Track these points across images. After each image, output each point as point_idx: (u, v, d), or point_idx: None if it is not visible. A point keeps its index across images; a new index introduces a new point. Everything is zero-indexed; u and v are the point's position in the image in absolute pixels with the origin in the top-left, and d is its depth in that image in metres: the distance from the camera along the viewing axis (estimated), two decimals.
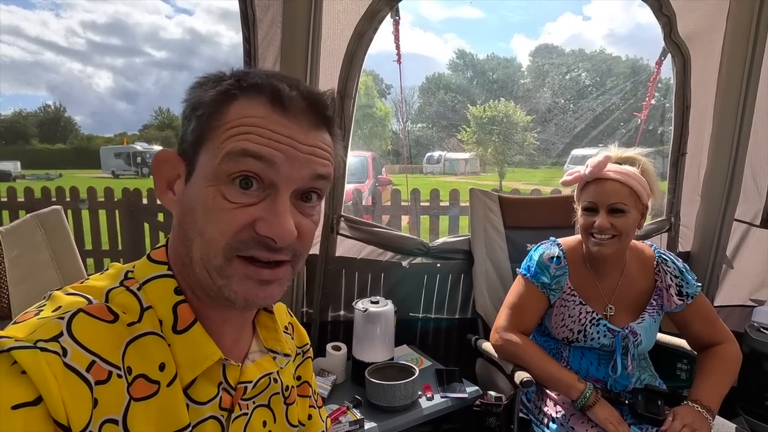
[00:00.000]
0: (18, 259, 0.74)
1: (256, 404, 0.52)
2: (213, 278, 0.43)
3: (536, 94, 35.57)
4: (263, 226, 0.42)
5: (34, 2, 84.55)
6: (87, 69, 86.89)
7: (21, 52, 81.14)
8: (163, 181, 0.47)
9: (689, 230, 1.95)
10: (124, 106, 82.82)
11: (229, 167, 0.42)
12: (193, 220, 0.43)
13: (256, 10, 1.28)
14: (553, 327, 1.22)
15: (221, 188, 0.42)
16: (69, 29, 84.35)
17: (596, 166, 1.11)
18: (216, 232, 0.42)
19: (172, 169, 0.47)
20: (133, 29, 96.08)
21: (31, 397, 0.35)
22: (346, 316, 1.74)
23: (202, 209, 0.43)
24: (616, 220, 1.09)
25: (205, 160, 0.43)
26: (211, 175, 0.43)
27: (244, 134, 0.42)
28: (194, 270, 0.44)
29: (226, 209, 0.42)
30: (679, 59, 1.75)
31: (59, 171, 23.58)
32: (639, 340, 1.15)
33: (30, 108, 53.72)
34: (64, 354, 0.37)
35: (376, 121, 19.44)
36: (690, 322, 1.19)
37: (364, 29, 1.49)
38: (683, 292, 1.17)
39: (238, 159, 0.42)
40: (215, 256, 0.43)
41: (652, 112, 2.08)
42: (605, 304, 1.19)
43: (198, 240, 0.43)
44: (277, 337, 0.56)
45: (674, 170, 1.89)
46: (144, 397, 0.41)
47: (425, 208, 3.99)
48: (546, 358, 1.17)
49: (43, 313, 0.41)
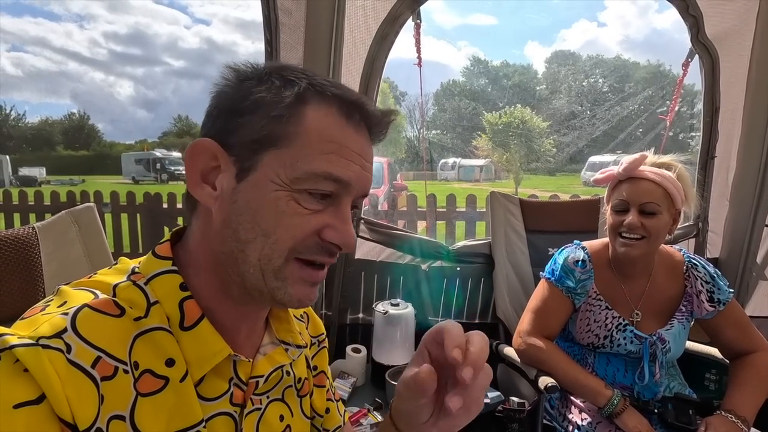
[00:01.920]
0: (53, 254, 0.76)
1: (270, 399, 0.52)
2: (267, 280, 0.43)
3: (553, 101, 35.26)
4: (331, 234, 0.44)
5: (60, 14, 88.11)
6: (109, 78, 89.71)
7: (47, 62, 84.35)
8: (197, 172, 0.44)
9: (717, 236, 1.89)
10: (144, 114, 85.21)
11: (310, 183, 0.43)
12: (254, 220, 0.43)
13: (279, 14, 1.30)
14: (578, 332, 1.20)
15: (294, 195, 0.43)
16: (92, 40, 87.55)
17: (631, 164, 1.09)
18: (287, 235, 0.43)
19: (211, 160, 0.44)
20: (153, 39, 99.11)
21: (33, 395, 0.34)
22: (364, 318, 1.74)
23: (273, 212, 0.42)
24: (647, 221, 1.06)
25: (276, 164, 0.42)
26: (285, 181, 0.42)
27: (329, 154, 0.43)
28: (243, 271, 0.44)
29: (300, 214, 0.43)
30: (708, 60, 1.71)
31: (82, 177, 24.28)
32: (667, 347, 1.12)
33: (56, 116, 55.66)
34: (68, 351, 0.37)
35: (392, 128, 19.51)
36: (722, 329, 1.15)
37: (386, 32, 1.50)
38: (715, 298, 1.13)
39: (321, 180, 0.43)
40: (278, 257, 0.43)
41: (675, 119, 2.04)
42: (631, 309, 1.15)
43: (260, 241, 0.43)
44: (289, 328, 0.55)
45: (703, 174, 1.84)
46: (151, 392, 0.41)
47: (441, 213, 3.98)
48: (571, 363, 1.15)
49: (49, 308, 0.41)
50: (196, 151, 0.44)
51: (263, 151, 0.43)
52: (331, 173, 0.43)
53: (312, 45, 1.41)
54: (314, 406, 0.62)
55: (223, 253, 0.44)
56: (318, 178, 0.43)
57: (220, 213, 0.44)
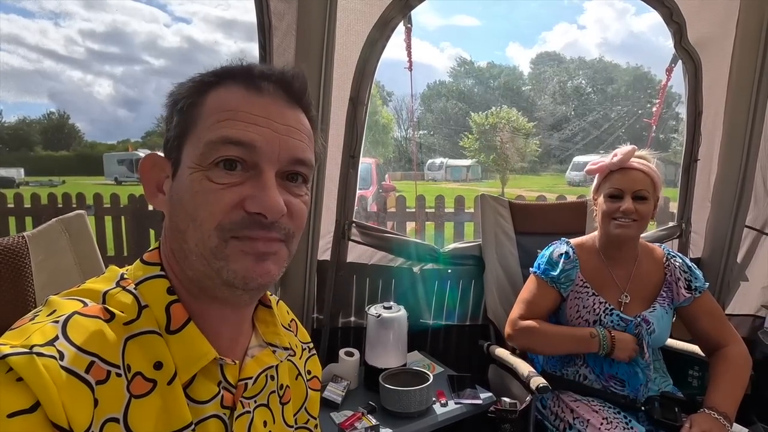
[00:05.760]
0: (44, 263, 0.75)
1: (258, 403, 0.52)
2: (210, 262, 0.43)
3: (538, 102, 35.68)
4: (252, 203, 0.43)
5: (33, 11, 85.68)
6: (87, 77, 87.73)
7: (21, 60, 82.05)
8: (152, 184, 0.48)
9: (700, 237, 1.95)
10: (125, 114, 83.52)
11: (212, 154, 0.43)
12: (183, 209, 0.44)
13: (272, 18, 1.30)
14: (569, 320, 1.25)
15: (206, 173, 0.43)
16: (68, 38, 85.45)
17: (626, 155, 1.20)
18: (206, 213, 0.43)
19: (160, 171, 0.48)
20: (132, 38, 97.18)
21: (27, 404, 0.34)
22: (356, 322, 1.74)
23: (190, 195, 0.44)
24: (639, 206, 1.18)
25: (189, 151, 0.45)
26: (195, 162, 0.44)
27: (224, 120, 0.43)
28: (191, 261, 0.44)
29: (213, 190, 0.43)
30: (690, 66, 1.76)
31: (63, 178, 23.68)
32: (652, 328, 1.19)
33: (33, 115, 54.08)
34: (60, 357, 0.37)
35: (380, 129, 19.55)
36: (697, 317, 1.23)
37: (377, 37, 1.50)
38: (692, 286, 1.23)
39: (219, 146, 0.43)
40: (209, 237, 0.43)
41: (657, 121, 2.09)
42: (620, 292, 1.23)
43: (191, 226, 0.44)
44: (276, 331, 0.56)
45: (686, 176, 1.89)
46: (142, 394, 0.41)
47: (430, 214, 4.00)
48: (560, 326, 1.25)
49: (39, 318, 0.41)
50: (147, 165, 0.48)
51: (183, 144, 0.45)
52: (227, 136, 0.43)
53: (303, 48, 1.41)
54: (309, 410, 0.64)
55: (174, 251, 0.46)
56: (217, 145, 0.43)
57: (167, 214, 0.47)
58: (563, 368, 1.27)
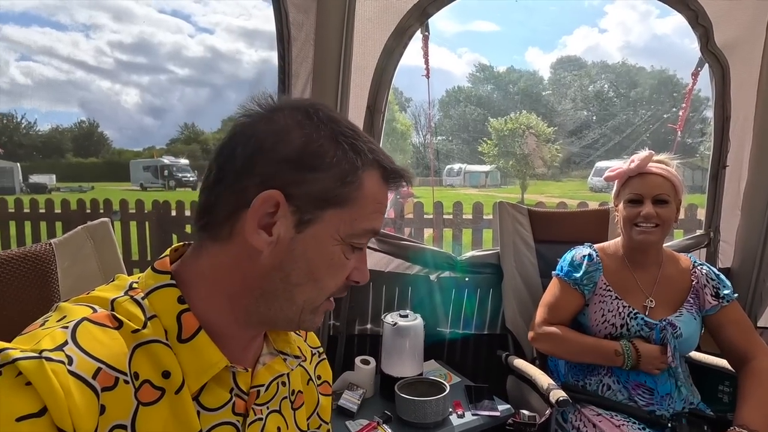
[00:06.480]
0: (69, 269, 0.77)
1: (270, 410, 0.53)
2: (303, 315, 0.49)
3: (558, 107, 35.17)
4: (357, 275, 0.51)
5: (66, 24, 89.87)
6: (115, 86, 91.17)
7: (55, 71, 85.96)
8: (258, 219, 0.45)
9: (729, 246, 1.87)
10: (151, 122, 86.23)
11: (359, 238, 0.49)
12: (308, 268, 0.47)
13: (291, 28, 1.32)
14: (593, 325, 1.23)
15: (344, 248, 0.48)
16: (98, 49, 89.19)
17: (643, 160, 1.20)
18: (332, 282, 0.50)
19: (272, 209, 0.45)
20: (158, 48, 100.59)
21: (35, 408, 0.35)
22: (373, 329, 1.73)
23: (328, 264, 0.48)
24: (660, 210, 1.17)
25: (335, 221, 0.47)
26: (341, 236, 0.47)
27: (376, 213, 0.50)
28: (281, 307, 0.48)
29: (344, 265, 0.49)
30: (718, 70, 1.70)
31: (92, 184, 24.52)
32: (678, 332, 1.16)
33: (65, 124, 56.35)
34: (69, 362, 0.37)
35: (398, 135, 19.60)
36: (724, 326, 1.20)
37: (395, 44, 1.51)
38: (719, 294, 1.21)
39: (369, 235, 0.50)
40: (319, 298, 0.50)
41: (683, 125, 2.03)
42: (645, 296, 1.22)
43: (309, 285, 0.48)
44: (287, 339, 0.57)
45: (714, 183, 1.82)
46: (151, 402, 0.42)
47: (448, 221, 3.97)
48: (584, 335, 1.23)
49: (49, 323, 0.42)
50: (265, 201, 0.44)
51: (327, 208, 0.47)
52: (376, 229, 0.50)
53: (321, 57, 1.42)
54: (321, 415, 0.64)
55: (263, 289, 0.48)
56: (368, 234, 0.50)
57: (273, 257, 0.46)
58: (586, 377, 1.24)
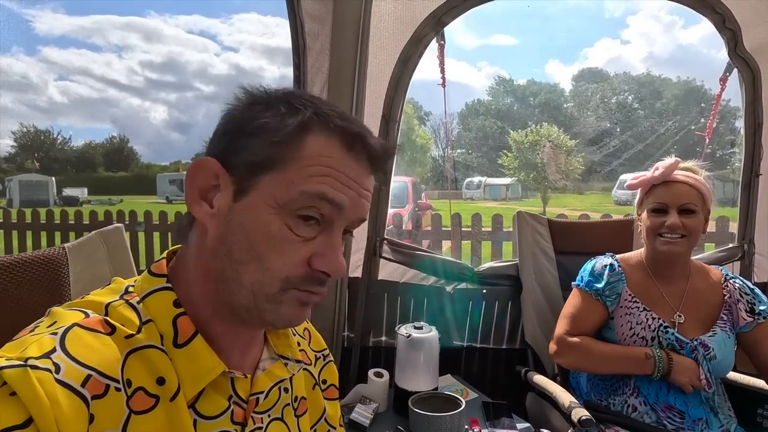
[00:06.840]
0: (82, 273, 0.78)
1: (272, 417, 0.51)
2: (258, 302, 0.44)
3: (580, 119, 34.67)
4: (320, 262, 0.44)
5: (101, 46, 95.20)
6: (145, 103, 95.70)
7: (89, 90, 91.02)
8: (197, 189, 0.45)
9: (766, 259, 1.77)
10: (177, 137, 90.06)
11: (303, 204, 0.43)
12: (247, 242, 0.43)
13: (307, 38, 1.33)
14: (621, 339, 1.16)
15: (287, 219, 0.43)
16: (129, 68, 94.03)
17: (668, 168, 1.15)
18: (279, 262, 0.43)
19: (212, 179, 0.45)
20: (185, 67, 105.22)
21: (20, 419, 0.34)
22: (387, 341, 1.70)
23: (265, 236, 0.43)
24: (686, 220, 1.12)
25: (271, 187, 0.43)
26: (280, 204, 0.43)
27: (323, 176, 0.43)
28: (233, 290, 0.44)
29: (291, 241, 0.43)
30: (748, 74, 1.63)
31: (120, 197, 25.42)
32: (711, 354, 1.09)
33: (98, 139, 59.16)
34: (56, 370, 0.36)
35: (417, 148, 19.68)
36: (760, 344, 1.13)
37: (410, 53, 1.51)
38: (755, 310, 1.14)
39: (314, 200, 0.43)
40: (272, 285, 0.44)
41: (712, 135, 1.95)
42: (673, 311, 1.16)
43: (254, 264, 0.43)
44: (288, 343, 0.55)
45: (746, 193, 1.73)
46: (144, 410, 0.40)
47: (466, 233, 3.92)
48: (609, 344, 1.17)
49: (39, 329, 0.41)
50: (198, 168, 0.45)
51: (261, 173, 0.43)
52: (325, 194, 0.43)
53: (336, 67, 1.43)
54: (329, 421, 0.62)
55: (215, 270, 0.45)
56: (312, 199, 0.43)
57: (216, 230, 0.45)
58: (609, 397, 1.17)
